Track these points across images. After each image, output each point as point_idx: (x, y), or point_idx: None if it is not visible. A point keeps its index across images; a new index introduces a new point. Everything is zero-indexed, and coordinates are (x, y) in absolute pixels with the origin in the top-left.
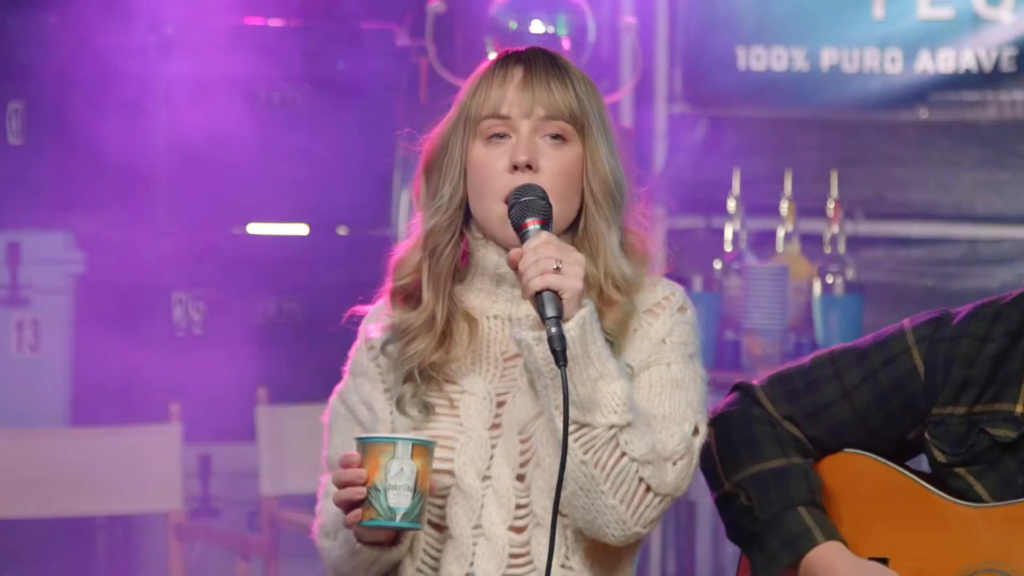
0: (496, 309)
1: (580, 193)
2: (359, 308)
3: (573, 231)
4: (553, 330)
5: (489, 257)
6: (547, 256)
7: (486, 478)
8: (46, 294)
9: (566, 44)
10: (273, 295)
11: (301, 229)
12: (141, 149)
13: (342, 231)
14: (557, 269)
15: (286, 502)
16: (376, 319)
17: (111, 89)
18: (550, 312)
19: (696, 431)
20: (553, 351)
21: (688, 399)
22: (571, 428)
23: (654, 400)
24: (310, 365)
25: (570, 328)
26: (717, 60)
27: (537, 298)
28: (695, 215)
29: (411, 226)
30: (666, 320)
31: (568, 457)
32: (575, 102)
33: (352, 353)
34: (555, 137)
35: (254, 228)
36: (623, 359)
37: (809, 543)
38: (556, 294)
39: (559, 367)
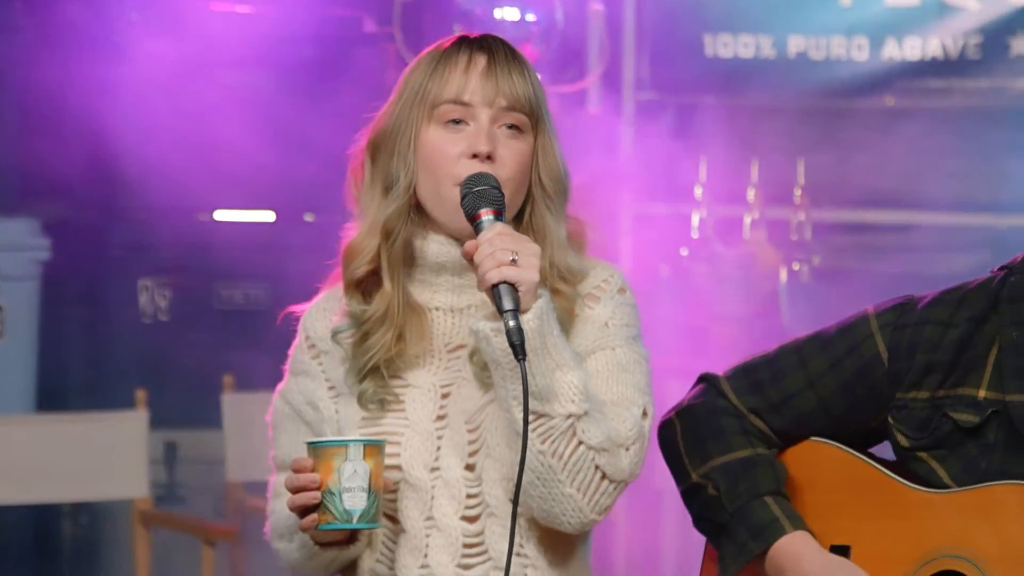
0: (438, 300)
1: (528, 185)
2: (295, 308)
3: (517, 222)
4: (511, 323)
5: (429, 247)
6: (503, 248)
7: (434, 470)
8: (11, 280)
9: (535, 31)
10: (240, 282)
11: (268, 216)
12: (107, 136)
13: (309, 218)
14: (513, 261)
15: (252, 489)
16: (317, 316)
17: (77, 75)
18: (507, 305)
19: (645, 414)
20: (512, 344)
21: (635, 382)
22: (530, 418)
23: (602, 385)
24: (277, 352)
25: (528, 320)
26: (684, 47)
27: (494, 290)
28: (662, 202)
29: (360, 212)
30: (607, 303)
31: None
32: (533, 94)
33: (292, 352)
34: (512, 128)
35: (221, 215)
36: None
37: (777, 532)
38: (513, 286)
39: (519, 360)
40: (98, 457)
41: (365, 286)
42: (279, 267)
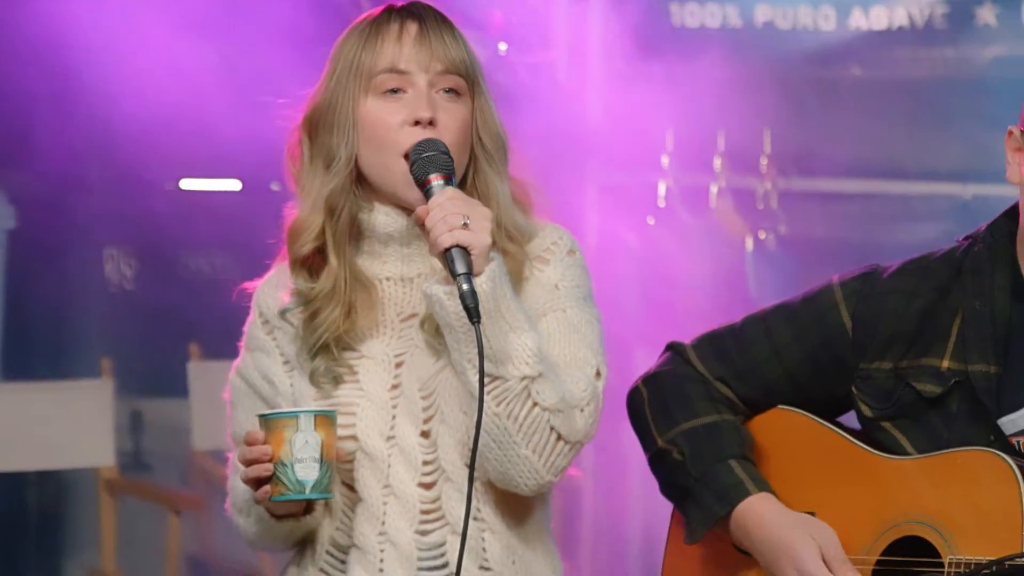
0: (387, 271)
1: (470, 147)
2: (248, 284)
3: (460, 184)
4: (465, 287)
5: (375, 219)
6: (454, 212)
7: (390, 438)
8: None
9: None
10: (205, 251)
11: (234, 185)
12: (72, 105)
13: (275, 187)
14: (465, 225)
15: (218, 457)
16: (269, 291)
17: (42, 46)
18: (460, 268)
19: (598, 374)
20: (466, 307)
21: (587, 342)
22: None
23: (554, 347)
24: (243, 321)
25: (482, 283)
26: (651, 16)
27: (446, 254)
28: (628, 171)
29: (301, 190)
30: (557, 265)
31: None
32: (467, 57)
33: (247, 328)
34: (449, 91)
35: (187, 183)
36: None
37: (741, 494)
38: (465, 250)
39: (473, 323)
40: (63, 426)
41: (311, 263)
42: (245, 236)
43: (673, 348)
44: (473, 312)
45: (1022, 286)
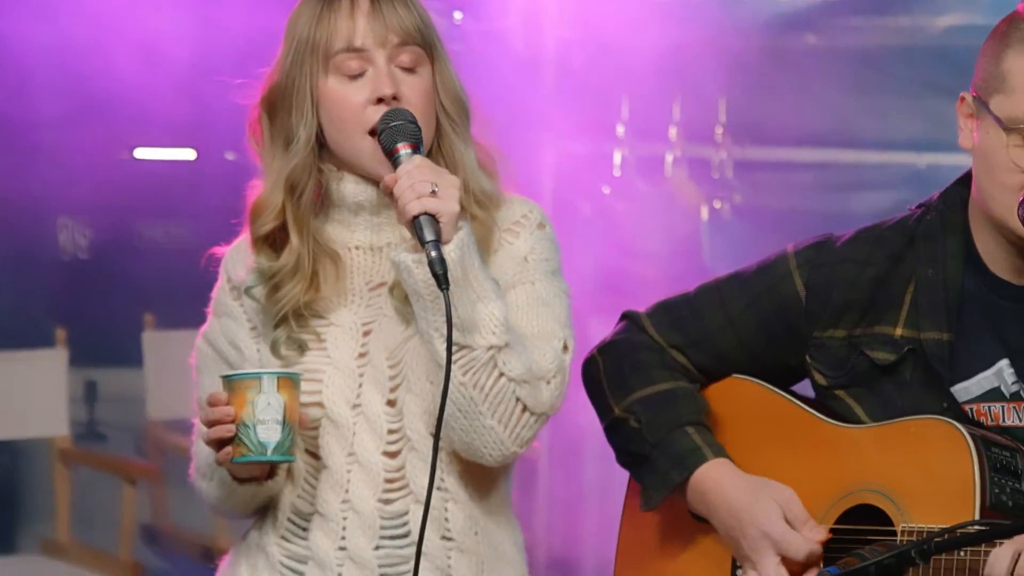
0: (356, 239)
1: (435, 115)
2: (217, 249)
3: (427, 152)
4: (433, 254)
5: (345, 188)
6: (423, 180)
7: (356, 406)
8: None
9: None
10: (160, 220)
11: (188, 154)
12: (25, 74)
13: (230, 156)
14: (433, 192)
15: (173, 427)
16: (238, 259)
17: None
18: (429, 236)
19: (565, 347)
20: (435, 275)
21: (555, 315)
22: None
23: (522, 319)
24: (198, 290)
25: (450, 251)
26: None
27: (414, 222)
28: (584, 140)
29: (264, 169)
30: (527, 238)
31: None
32: (422, 23)
33: (215, 294)
34: (408, 68)
35: (141, 153)
36: None
37: (698, 460)
38: (433, 218)
39: (442, 291)
40: (17, 395)
41: (274, 240)
42: (200, 206)
43: (628, 317)
44: (442, 279)
45: (974, 253)
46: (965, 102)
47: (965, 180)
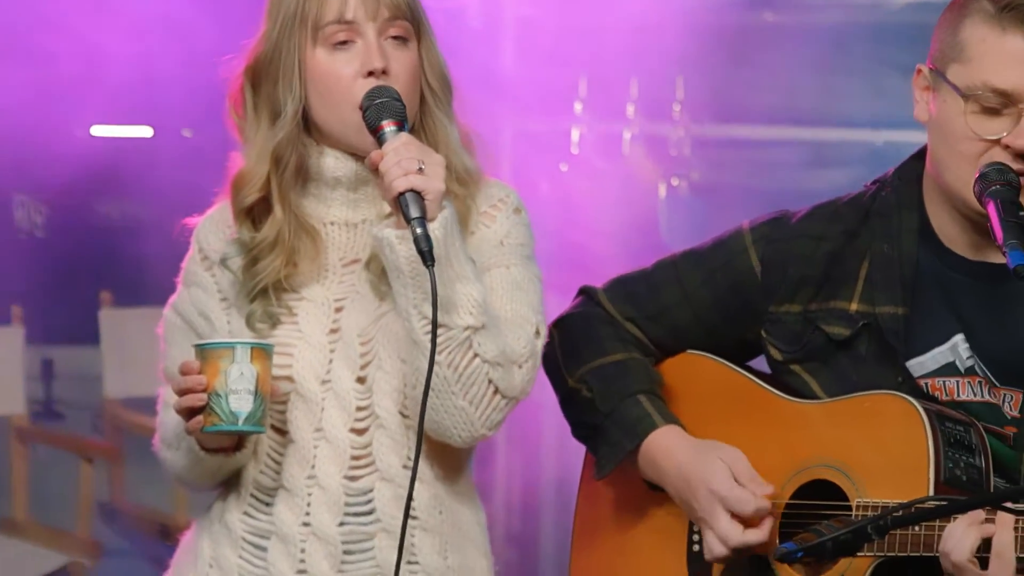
0: (332, 215)
1: (420, 92)
2: (189, 220)
3: (411, 129)
4: (419, 231)
5: (325, 163)
6: (410, 157)
7: (325, 382)
8: None
9: None
10: (117, 198)
11: (145, 131)
12: None
13: (187, 133)
14: (420, 170)
15: (130, 405)
16: (211, 229)
17: None
18: (414, 212)
19: (538, 333)
20: (420, 252)
21: (529, 301)
22: (427, 327)
23: (497, 302)
24: (154, 268)
25: (434, 228)
26: None
27: (400, 199)
28: (541, 118)
29: (245, 140)
30: (503, 222)
31: (420, 358)
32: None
33: (185, 264)
34: (398, 39)
35: (98, 130)
36: None
37: (648, 427)
38: (419, 195)
39: (427, 267)
40: None
41: (255, 212)
42: (157, 183)
43: (585, 292)
44: (427, 256)
45: (929, 228)
46: (922, 74)
47: (920, 156)
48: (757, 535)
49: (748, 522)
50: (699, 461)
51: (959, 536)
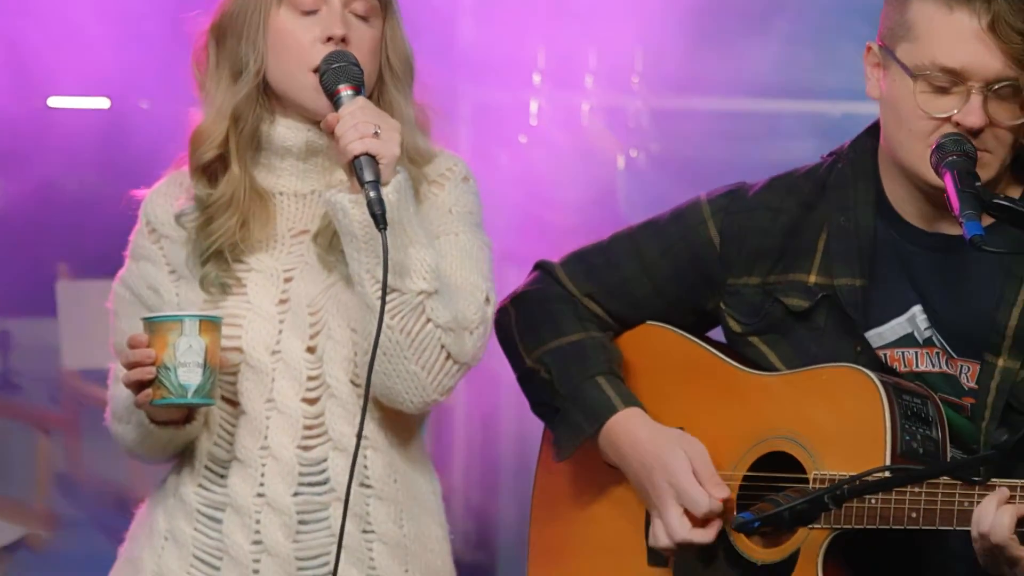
0: (282, 185)
1: (379, 69)
2: (136, 192)
3: None
4: (372, 194)
5: (276, 131)
6: (366, 120)
7: (275, 352)
8: None
9: None
10: (74, 169)
11: (102, 103)
12: None
13: (144, 105)
14: (376, 134)
15: (88, 377)
16: (158, 201)
17: None
18: (369, 176)
19: (488, 300)
20: (373, 214)
21: (479, 268)
22: (380, 291)
23: (446, 269)
24: (112, 239)
25: (388, 193)
26: None
27: (355, 162)
28: (500, 89)
29: (205, 96)
30: (451, 190)
31: (373, 323)
32: None
33: (133, 237)
34: (362, 16)
35: (55, 102)
36: None
37: (609, 411)
38: (374, 159)
39: (379, 230)
40: None
41: (211, 171)
42: (114, 154)
43: (541, 267)
44: (380, 219)
45: (885, 201)
46: (872, 52)
47: (875, 129)
48: (703, 536)
49: (697, 521)
50: (661, 450)
51: (993, 516)
